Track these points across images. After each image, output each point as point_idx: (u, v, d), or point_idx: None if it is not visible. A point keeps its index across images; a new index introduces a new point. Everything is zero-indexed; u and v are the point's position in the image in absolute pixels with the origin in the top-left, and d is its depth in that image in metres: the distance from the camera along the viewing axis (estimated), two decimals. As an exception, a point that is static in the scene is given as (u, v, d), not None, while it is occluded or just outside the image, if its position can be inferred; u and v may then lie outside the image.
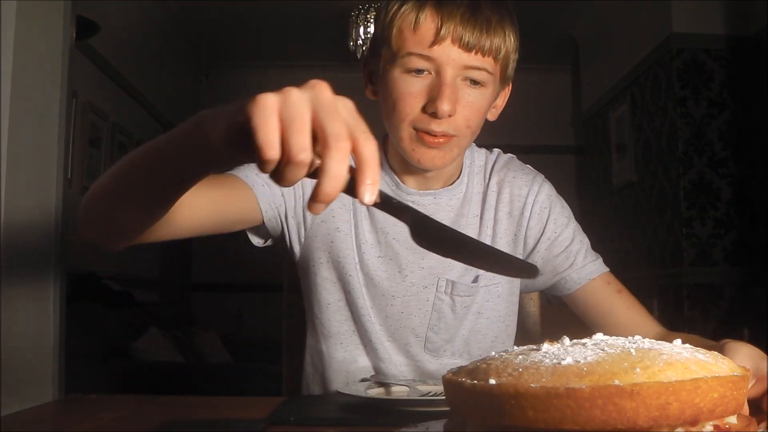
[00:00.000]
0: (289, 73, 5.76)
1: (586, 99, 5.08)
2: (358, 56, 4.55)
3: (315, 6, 4.90)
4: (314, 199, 0.54)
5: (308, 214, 1.13)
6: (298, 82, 0.77)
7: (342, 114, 0.54)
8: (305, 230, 1.14)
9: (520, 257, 1.20)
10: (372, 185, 0.54)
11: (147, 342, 3.28)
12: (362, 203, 0.54)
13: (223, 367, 3.59)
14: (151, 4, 4.69)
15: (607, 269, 1.20)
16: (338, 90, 0.56)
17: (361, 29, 4.47)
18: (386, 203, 0.57)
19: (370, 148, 0.54)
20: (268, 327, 3.43)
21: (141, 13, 4.58)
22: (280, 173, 0.55)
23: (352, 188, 0.54)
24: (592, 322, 1.18)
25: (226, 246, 6.46)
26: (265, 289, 4.40)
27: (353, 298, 1.15)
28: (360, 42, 4.48)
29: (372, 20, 4.43)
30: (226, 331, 4.88)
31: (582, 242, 1.21)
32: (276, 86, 0.75)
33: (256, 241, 1.16)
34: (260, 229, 1.14)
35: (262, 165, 0.54)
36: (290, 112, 0.53)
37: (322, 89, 0.56)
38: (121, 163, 0.78)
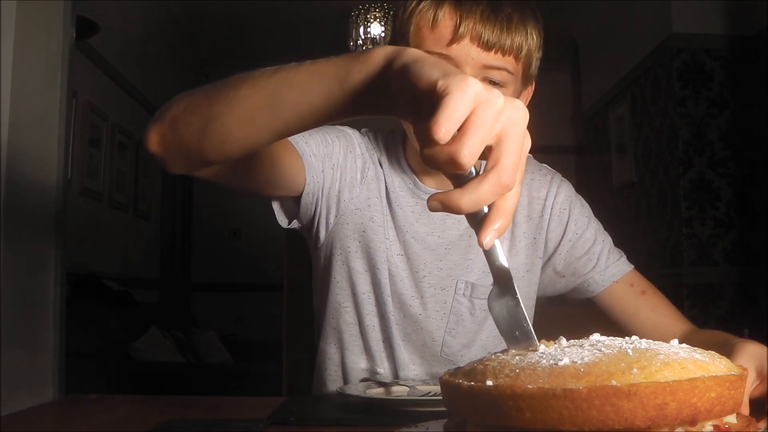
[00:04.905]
0: (289, 73, 5.73)
1: (586, 99, 5.08)
2: (358, 56, 4.54)
3: (315, 6, 4.90)
4: (438, 198, 0.52)
5: (341, 200, 1.09)
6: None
7: (520, 152, 0.51)
8: (335, 216, 1.10)
9: (540, 261, 1.17)
10: (496, 232, 0.52)
11: (147, 342, 3.28)
12: (479, 243, 0.53)
13: (223, 367, 3.59)
14: (151, 4, 4.69)
15: (631, 267, 1.18)
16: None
17: (361, 29, 4.46)
18: (492, 252, 0.55)
19: (514, 201, 0.52)
20: (268, 327, 3.43)
21: (141, 13, 4.58)
22: (428, 153, 0.51)
23: (476, 220, 0.53)
24: (617, 323, 1.17)
25: (226, 246, 6.45)
26: (265, 289, 4.41)
27: (380, 292, 1.12)
28: (360, 42, 4.48)
29: (372, 20, 4.43)
30: (226, 331, 4.88)
31: (604, 242, 1.19)
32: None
33: (281, 219, 1.09)
34: (293, 204, 1.08)
35: (422, 135, 0.51)
36: (485, 116, 0.50)
37: (523, 117, 0.52)
38: (251, 80, 0.73)
